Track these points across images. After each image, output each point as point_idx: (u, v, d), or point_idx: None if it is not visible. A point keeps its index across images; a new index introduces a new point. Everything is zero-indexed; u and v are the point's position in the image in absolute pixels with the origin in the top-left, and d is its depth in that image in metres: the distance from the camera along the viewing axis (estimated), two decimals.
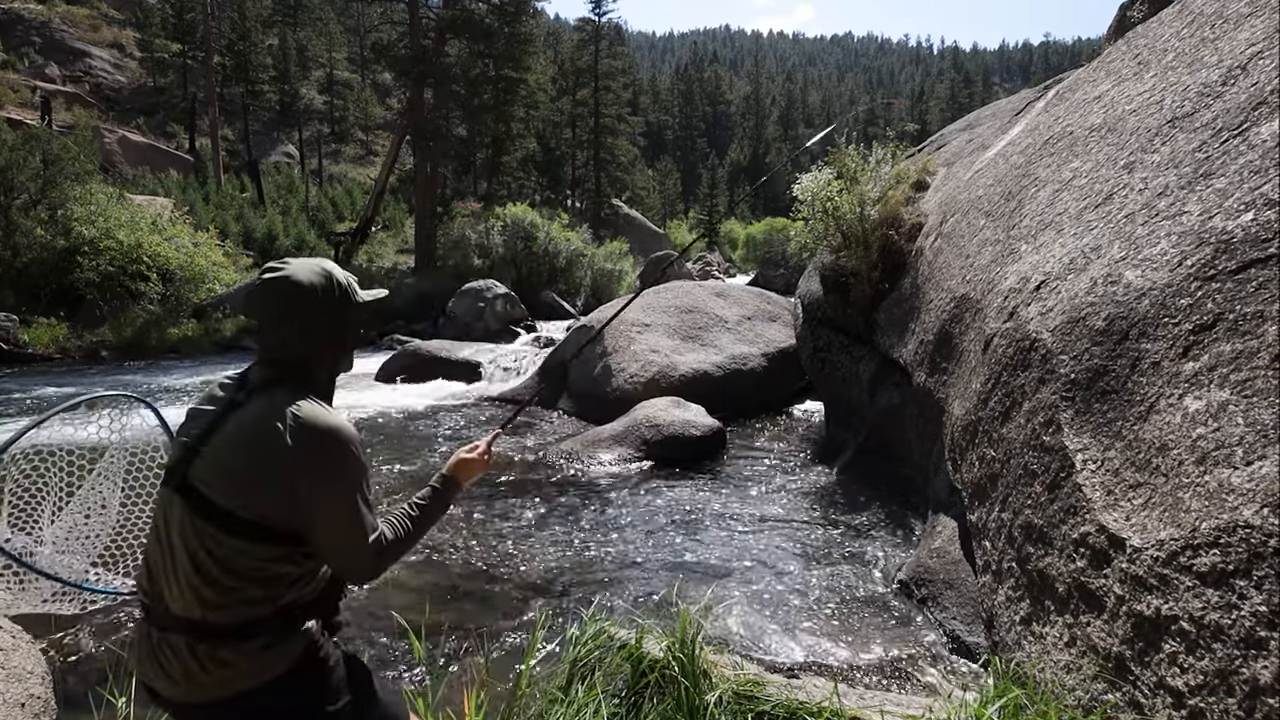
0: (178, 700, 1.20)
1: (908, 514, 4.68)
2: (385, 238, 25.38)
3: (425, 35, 20.71)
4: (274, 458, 1.16)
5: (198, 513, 1.18)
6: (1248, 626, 1.57)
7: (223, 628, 1.17)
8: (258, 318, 1.27)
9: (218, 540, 1.16)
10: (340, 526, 1.20)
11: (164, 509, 1.23)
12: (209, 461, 1.19)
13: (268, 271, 1.27)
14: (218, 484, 1.18)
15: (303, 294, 1.25)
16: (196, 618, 1.17)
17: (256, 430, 1.18)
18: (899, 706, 2.06)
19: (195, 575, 1.17)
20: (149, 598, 1.23)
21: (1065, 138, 3.66)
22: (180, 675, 1.17)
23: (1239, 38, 2.74)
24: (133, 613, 3.44)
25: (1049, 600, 2.23)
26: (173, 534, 1.20)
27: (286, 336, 1.26)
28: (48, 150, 13.88)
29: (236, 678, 1.17)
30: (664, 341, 8.31)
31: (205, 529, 1.17)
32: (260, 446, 1.17)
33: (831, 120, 71.14)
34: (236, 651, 1.17)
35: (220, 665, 1.17)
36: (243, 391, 1.25)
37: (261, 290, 1.25)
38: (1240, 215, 2.12)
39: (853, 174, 5.96)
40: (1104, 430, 2.21)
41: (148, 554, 1.26)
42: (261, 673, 1.19)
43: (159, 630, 1.20)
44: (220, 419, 1.22)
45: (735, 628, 3.34)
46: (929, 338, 4.30)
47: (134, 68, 32.26)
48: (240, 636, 1.18)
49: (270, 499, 1.17)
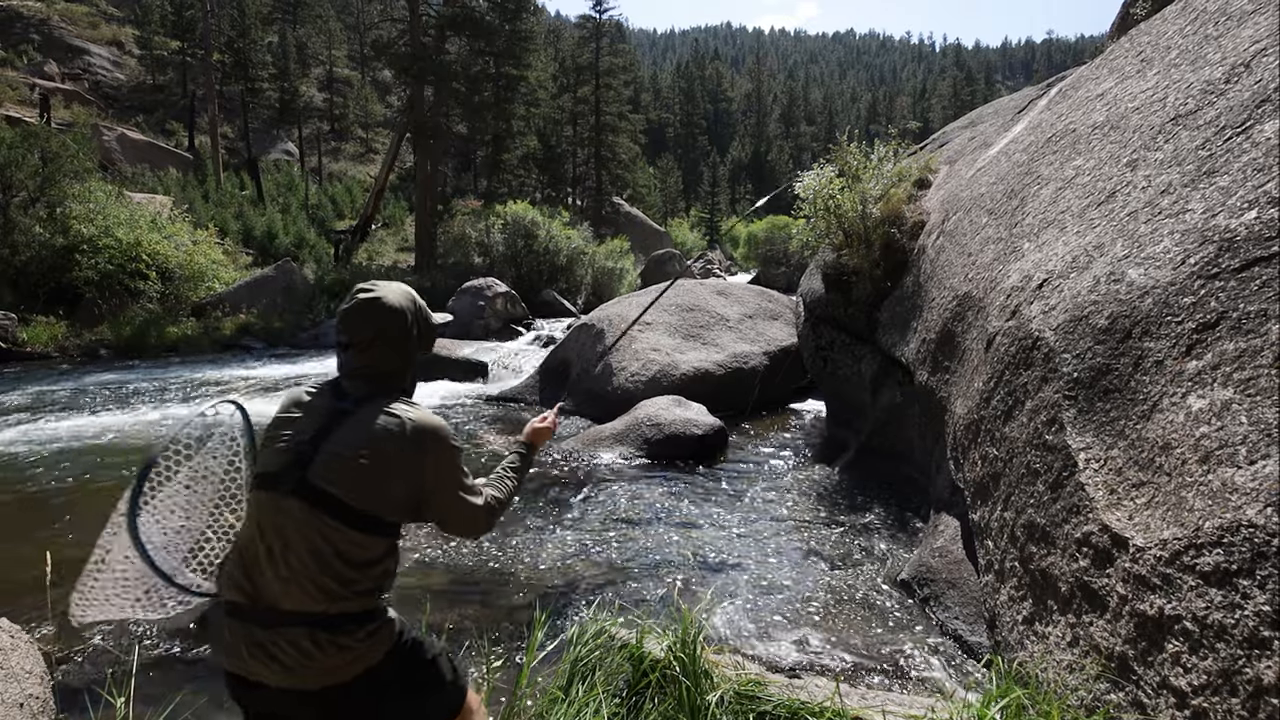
0: (299, 689, 1.28)
1: (909, 513, 4.67)
2: (385, 236, 25.37)
3: (425, 32, 20.68)
4: (397, 456, 1.33)
5: (323, 510, 1.29)
6: (1251, 626, 1.56)
7: (342, 617, 1.29)
8: (354, 335, 1.41)
9: (343, 535, 1.29)
10: (462, 503, 1.43)
11: (272, 511, 1.31)
12: (331, 463, 1.31)
13: (361, 293, 1.43)
14: (344, 483, 1.29)
15: (394, 314, 1.42)
16: (318, 610, 1.28)
17: (378, 434, 1.33)
18: (901, 706, 2.06)
19: (319, 570, 1.28)
20: (247, 598, 1.31)
21: (1068, 135, 3.64)
22: (303, 665, 1.26)
23: (1242, 35, 2.73)
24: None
25: (1052, 600, 2.23)
26: (288, 533, 1.29)
27: (381, 353, 1.42)
28: (46, 148, 13.85)
29: (356, 660, 1.30)
30: (665, 340, 8.30)
31: (331, 525, 1.28)
32: (384, 448, 1.32)
33: (833, 117, 71.10)
34: (354, 638, 1.30)
35: (342, 650, 1.28)
36: (347, 401, 1.38)
37: (357, 311, 1.41)
38: (1243, 213, 2.11)
39: (855, 172, 5.95)
40: (1107, 429, 2.20)
41: (244, 556, 1.33)
42: (375, 653, 1.33)
43: (265, 627, 1.28)
44: (331, 425, 1.35)
45: (737, 627, 3.33)
46: (931, 336, 4.29)
47: (133, 65, 32.20)
48: (357, 624, 1.31)
49: (395, 493, 1.33)
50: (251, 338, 14.13)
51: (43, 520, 4.85)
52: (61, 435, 7.10)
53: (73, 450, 6.59)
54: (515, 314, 15.38)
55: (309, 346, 14.20)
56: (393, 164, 23.62)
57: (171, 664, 3.12)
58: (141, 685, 2.52)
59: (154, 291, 13.79)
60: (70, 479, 5.71)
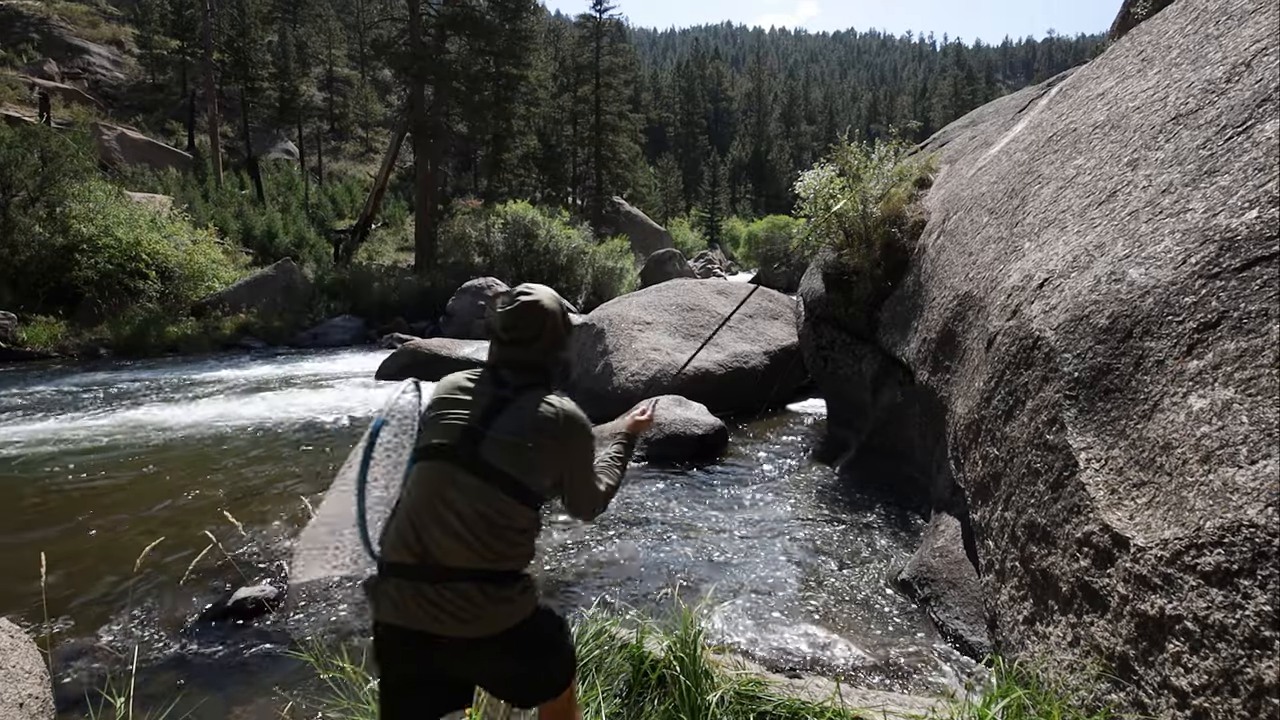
0: (467, 637, 1.45)
1: (910, 513, 4.67)
2: (385, 235, 25.35)
3: (425, 32, 20.66)
4: (552, 439, 1.53)
5: (494, 483, 1.47)
6: (1252, 626, 1.56)
7: (503, 574, 1.48)
8: (515, 334, 1.60)
9: (507, 504, 1.48)
10: (590, 486, 1.65)
11: (445, 480, 1.48)
12: (500, 444, 1.50)
13: (522, 295, 1.61)
14: (510, 461, 1.49)
15: (550, 316, 1.62)
16: (485, 567, 1.46)
17: (536, 420, 1.52)
18: (901, 706, 2.06)
19: (486, 533, 1.45)
20: (416, 557, 1.46)
21: (1069, 135, 3.64)
22: (473, 614, 1.44)
23: (1243, 34, 2.72)
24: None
25: (1052, 600, 2.23)
26: (458, 501, 1.46)
27: (537, 348, 1.61)
28: (46, 147, 13.85)
29: (515, 612, 1.49)
30: (665, 340, 8.30)
31: (498, 496, 1.47)
32: (541, 431, 1.52)
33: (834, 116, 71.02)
34: (513, 591, 1.48)
35: (504, 603, 1.46)
36: (507, 389, 1.57)
37: (521, 311, 1.59)
38: (1244, 213, 2.11)
39: (855, 171, 5.94)
40: (1108, 429, 2.20)
41: (413, 520, 1.48)
42: (528, 607, 1.52)
43: (434, 583, 1.44)
44: (495, 409, 1.53)
45: (737, 627, 3.33)
46: (932, 336, 4.29)
47: (133, 64, 32.19)
48: (515, 580, 1.50)
49: (548, 467, 1.54)
50: (251, 337, 14.13)
51: (42, 520, 4.85)
52: (61, 435, 7.10)
53: (72, 450, 6.59)
54: None
55: (309, 346, 14.21)
56: (393, 163, 23.60)
57: (171, 664, 3.12)
58: (141, 685, 2.52)
59: (154, 291, 13.79)
60: (70, 479, 5.71)
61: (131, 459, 6.34)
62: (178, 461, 6.26)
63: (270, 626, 3.42)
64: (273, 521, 4.71)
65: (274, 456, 6.44)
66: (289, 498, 5.23)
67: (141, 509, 5.04)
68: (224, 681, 2.98)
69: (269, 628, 3.41)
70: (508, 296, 1.62)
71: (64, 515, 4.92)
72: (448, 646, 1.45)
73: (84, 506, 5.09)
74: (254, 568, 4.03)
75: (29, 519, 4.89)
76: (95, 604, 3.63)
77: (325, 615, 3.54)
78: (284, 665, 3.09)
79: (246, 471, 6.00)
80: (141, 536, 4.40)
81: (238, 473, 5.96)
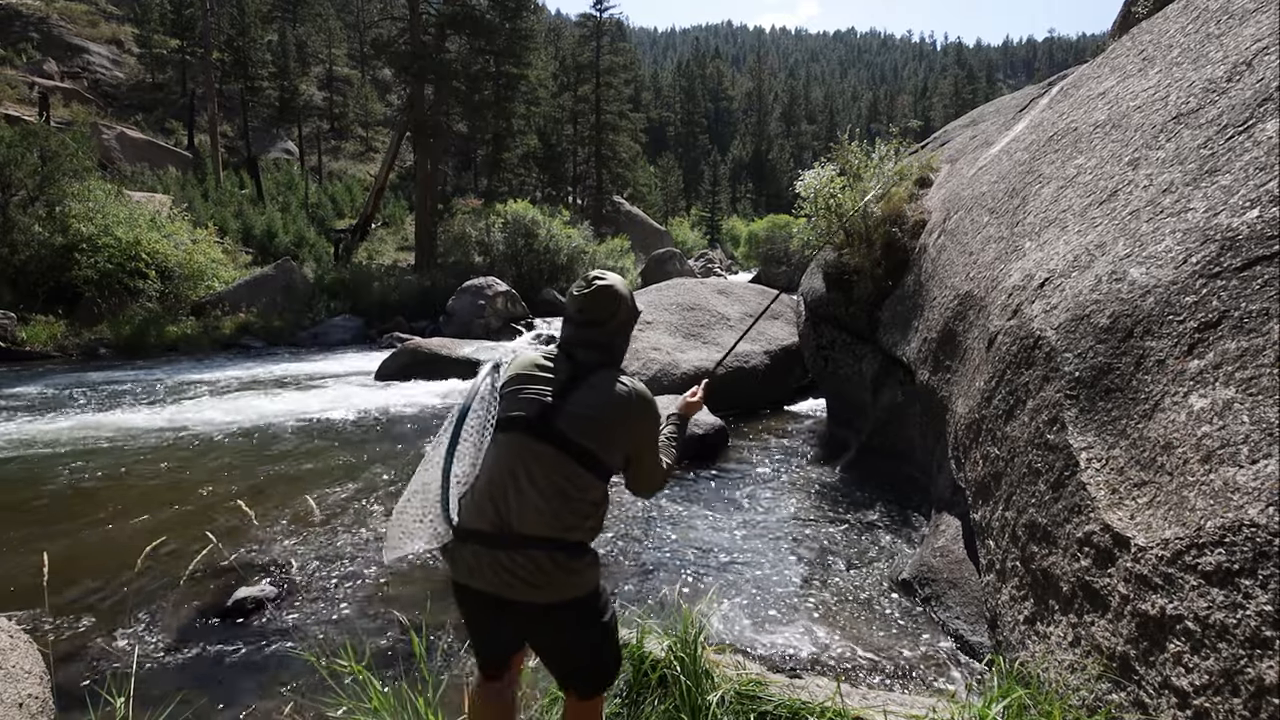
0: (537, 602, 1.53)
1: (911, 513, 4.67)
2: (385, 235, 25.33)
3: (425, 31, 20.65)
4: (625, 415, 1.62)
5: (570, 456, 1.56)
6: (1253, 626, 1.56)
7: (573, 545, 1.56)
8: (591, 315, 1.69)
9: (582, 477, 1.56)
10: (655, 463, 1.73)
11: (522, 452, 1.57)
12: (575, 416, 1.58)
13: (597, 279, 1.71)
14: (585, 432, 1.57)
15: (622, 300, 1.72)
16: (556, 536, 1.53)
17: (612, 397, 1.61)
18: (902, 706, 2.06)
19: (561, 504, 1.54)
20: (492, 525, 1.55)
21: (1069, 134, 3.64)
22: (545, 582, 1.51)
23: (1244, 33, 2.72)
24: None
25: (1053, 600, 2.23)
26: (534, 472, 1.55)
27: (611, 330, 1.71)
28: (45, 147, 13.84)
29: (581, 584, 1.57)
30: (666, 339, 8.30)
31: (574, 468, 1.56)
32: (616, 407, 1.61)
33: (834, 116, 70.95)
34: (581, 563, 1.56)
35: (570, 573, 1.54)
36: (581, 367, 1.66)
37: (596, 294, 1.69)
38: (1245, 212, 2.11)
39: (856, 170, 5.94)
40: (1108, 428, 2.20)
41: (493, 487, 1.57)
42: (591, 581, 1.60)
43: (509, 550, 1.52)
44: (571, 386, 1.62)
45: (737, 627, 3.33)
46: (932, 335, 4.28)
47: (132, 64, 32.15)
48: (583, 552, 1.58)
49: (620, 443, 1.63)
50: (251, 337, 14.12)
51: (41, 520, 4.85)
52: (60, 435, 7.10)
53: (71, 450, 6.58)
54: (516, 313, 15.37)
55: (309, 345, 14.19)
56: (393, 163, 23.58)
57: (172, 664, 3.12)
58: (141, 685, 2.52)
59: (153, 290, 13.77)
60: (69, 479, 5.71)
61: (131, 459, 6.34)
62: (177, 461, 6.26)
63: (271, 626, 3.42)
64: (273, 521, 4.71)
65: (273, 456, 6.44)
66: (289, 497, 5.23)
67: (141, 508, 5.04)
68: (224, 681, 2.98)
69: (269, 627, 3.41)
70: (583, 281, 1.73)
71: (63, 515, 4.92)
72: (517, 610, 1.55)
73: (83, 506, 5.09)
74: (254, 567, 4.03)
75: (28, 519, 4.88)
76: (95, 603, 3.63)
77: (326, 614, 3.54)
78: (284, 664, 3.09)
79: (246, 471, 5.99)
80: (141, 536, 4.40)
81: (237, 473, 5.96)
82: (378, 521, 4.78)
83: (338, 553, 4.25)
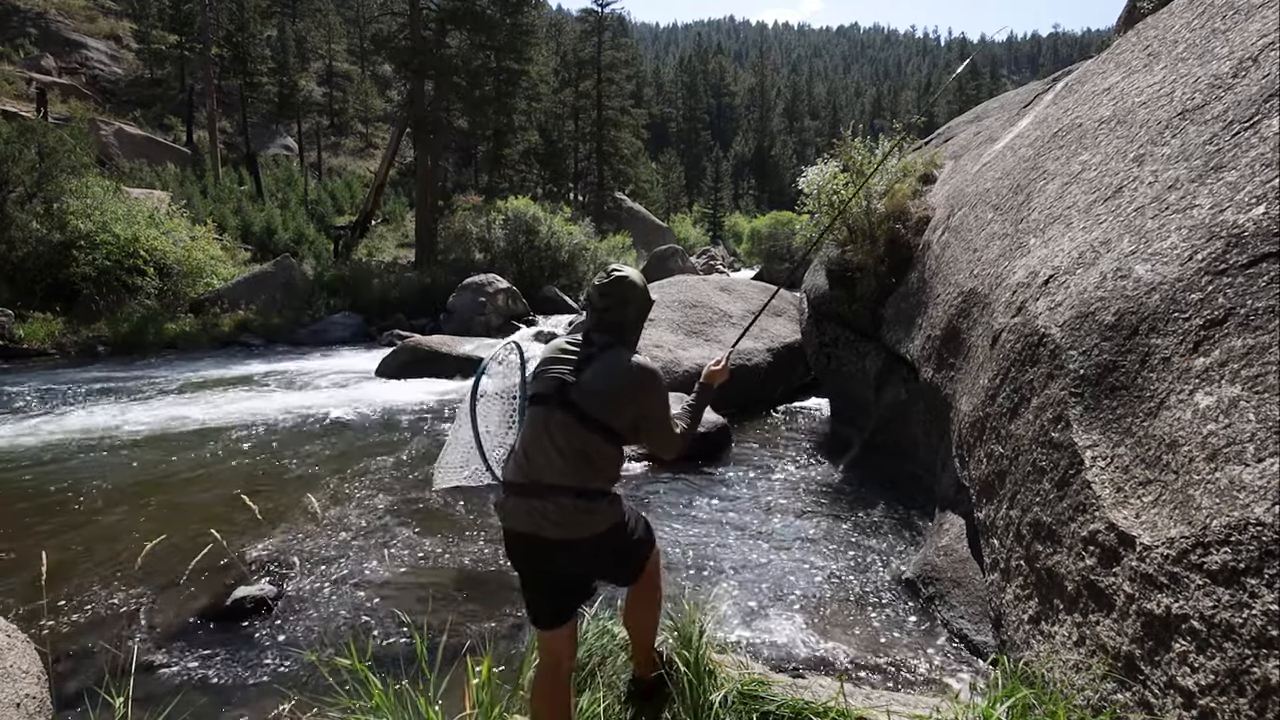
0: (561, 539, 1.82)
1: (914, 511, 4.66)
2: (385, 231, 25.29)
3: (426, 26, 20.57)
4: (629, 387, 1.88)
5: (580, 422, 1.83)
6: (1259, 625, 1.55)
7: (591, 491, 1.84)
8: (608, 302, 1.96)
9: (593, 440, 1.84)
10: (665, 426, 1.96)
11: (545, 420, 1.87)
12: (586, 390, 1.86)
13: (615, 272, 1.99)
14: (594, 404, 1.85)
15: (637, 289, 1.99)
16: (576, 485, 1.82)
17: (620, 375, 1.88)
18: (905, 706, 2.05)
19: (578, 460, 1.83)
20: (526, 478, 1.86)
21: (1074, 130, 3.62)
22: (568, 522, 1.81)
23: (1250, 29, 2.70)
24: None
25: (1058, 599, 2.22)
26: (556, 436, 1.84)
27: (626, 315, 1.98)
28: (43, 143, 13.80)
29: (600, 521, 1.85)
30: (667, 336, 8.28)
31: (584, 432, 1.84)
32: (621, 381, 1.88)
33: (838, 112, 70.74)
34: (599, 505, 1.85)
35: (590, 514, 1.83)
36: (595, 348, 1.93)
37: (614, 284, 1.96)
38: (1251, 209, 2.09)
39: (859, 167, 5.91)
40: (1113, 426, 2.18)
41: (527, 450, 1.89)
42: (610, 519, 1.88)
43: (540, 498, 1.82)
44: (586, 362, 1.90)
45: (740, 626, 3.32)
46: (936, 333, 4.27)
47: (131, 59, 32.04)
48: (601, 497, 1.86)
49: (626, 412, 1.88)
50: (250, 334, 14.09)
51: (40, 519, 4.84)
52: (58, 433, 7.09)
53: (69, 448, 6.58)
54: (516, 310, 15.35)
55: (308, 343, 14.17)
56: (393, 159, 23.51)
57: (171, 663, 3.11)
58: (141, 685, 2.52)
59: (152, 288, 13.75)
60: (67, 477, 5.70)
61: (129, 457, 6.33)
62: (175, 460, 6.25)
63: (271, 624, 3.42)
64: (273, 520, 4.71)
65: (273, 455, 6.43)
66: (289, 496, 5.23)
67: (140, 507, 5.03)
68: (224, 680, 2.97)
69: (270, 626, 3.41)
70: (604, 273, 2.00)
71: (62, 514, 4.91)
72: (550, 546, 1.83)
73: (82, 504, 5.08)
74: (254, 566, 4.03)
75: (26, 518, 4.88)
76: (95, 603, 3.63)
77: (326, 613, 3.53)
78: (284, 663, 3.08)
79: (245, 470, 5.99)
80: (140, 535, 4.39)
81: (236, 471, 5.96)
82: (378, 519, 4.77)
83: (338, 551, 4.24)
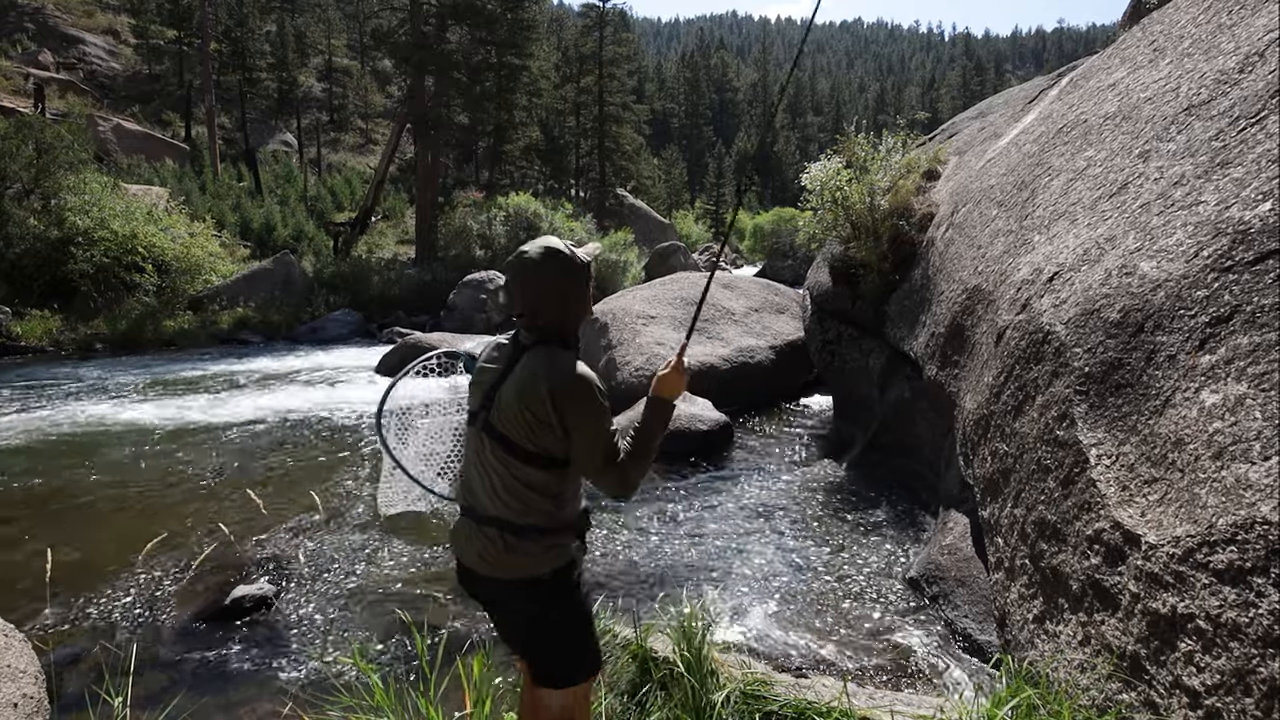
0: (489, 576, 1.60)
1: (918, 510, 4.65)
2: (385, 228, 25.26)
3: (426, 21, 20.49)
4: (542, 400, 1.51)
5: (501, 447, 1.56)
6: (1265, 625, 1.54)
7: (522, 527, 1.57)
8: (520, 292, 1.59)
9: (516, 466, 1.56)
10: (598, 452, 1.54)
11: (475, 442, 1.64)
12: (501, 405, 1.57)
13: (523, 252, 1.61)
14: (507, 423, 1.55)
15: (556, 265, 1.57)
16: (505, 518, 1.57)
17: (528, 382, 1.53)
18: (909, 706, 2.05)
19: (505, 491, 1.57)
20: (468, 502, 1.66)
21: (1079, 126, 3.60)
22: (491, 557, 1.58)
23: (1257, 24, 2.68)
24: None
25: (1062, 598, 2.21)
26: (485, 460, 1.60)
27: (546, 304, 1.58)
28: (41, 139, 13.76)
29: (529, 565, 1.58)
30: (669, 334, 8.27)
31: (507, 459, 1.56)
32: (531, 389, 1.52)
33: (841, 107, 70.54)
34: (533, 545, 1.57)
35: (517, 553, 1.57)
36: (520, 351, 1.61)
37: (519, 269, 1.58)
38: (1258, 205, 2.08)
39: (862, 163, 5.89)
40: (1119, 424, 2.17)
41: (466, 473, 1.69)
42: (542, 565, 1.59)
43: (477, 524, 1.61)
44: (507, 372, 1.60)
45: (742, 626, 3.32)
46: (940, 330, 4.26)
47: (129, 55, 31.95)
48: (538, 535, 1.58)
49: (542, 432, 1.53)
50: (249, 331, 14.07)
51: (39, 518, 4.83)
52: (57, 431, 7.09)
53: (68, 446, 6.58)
54: None
55: (307, 340, 14.15)
56: (393, 155, 23.47)
57: (170, 663, 3.10)
58: (140, 684, 2.51)
59: (150, 284, 13.72)
60: (66, 476, 5.70)
61: (128, 455, 6.33)
62: (175, 458, 6.25)
63: (271, 624, 3.42)
64: (273, 518, 4.70)
65: (272, 453, 6.43)
66: (288, 494, 5.22)
67: (139, 505, 5.03)
68: (223, 680, 2.97)
69: (270, 625, 3.40)
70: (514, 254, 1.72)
71: (61, 512, 4.91)
72: (483, 583, 1.63)
73: (82, 503, 5.08)
74: (254, 564, 4.02)
75: (25, 517, 4.87)
76: (95, 601, 3.62)
77: (327, 612, 3.53)
78: (284, 663, 3.08)
79: (244, 468, 5.98)
80: (139, 534, 4.38)
81: (236, 469, 5.95)
82: (378, 518, 4.77)
83: (338, 550, 4.24)
